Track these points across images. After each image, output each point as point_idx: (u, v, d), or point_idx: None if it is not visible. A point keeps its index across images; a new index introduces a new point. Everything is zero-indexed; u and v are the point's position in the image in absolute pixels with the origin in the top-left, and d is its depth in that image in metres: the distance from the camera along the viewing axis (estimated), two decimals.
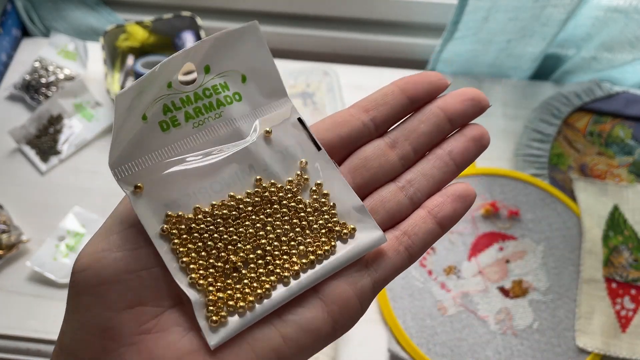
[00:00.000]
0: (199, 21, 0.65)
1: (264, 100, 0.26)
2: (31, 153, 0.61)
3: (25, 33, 0.71)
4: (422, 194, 0.25)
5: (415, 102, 0.27)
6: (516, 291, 0.52)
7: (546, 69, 0.68)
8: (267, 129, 0.25)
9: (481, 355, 0.49)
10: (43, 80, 0.64)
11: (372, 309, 0.51)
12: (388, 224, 0.25)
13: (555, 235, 0.55)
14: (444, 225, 0.25)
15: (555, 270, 0.53)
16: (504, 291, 0.52)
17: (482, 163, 0.60)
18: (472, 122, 0.27)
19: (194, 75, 0.24)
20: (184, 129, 0.24)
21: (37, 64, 0.64)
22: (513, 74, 0.67)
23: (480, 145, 0.26)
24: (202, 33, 0.64)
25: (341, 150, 0.26)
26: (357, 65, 0.69)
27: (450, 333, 0.49)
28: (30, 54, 0.67)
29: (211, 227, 0.23)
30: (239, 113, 0.25)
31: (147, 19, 0.65)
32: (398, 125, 0.27)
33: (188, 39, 0.65)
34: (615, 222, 0.55)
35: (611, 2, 0.58)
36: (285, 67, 0.67)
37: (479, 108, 0.26)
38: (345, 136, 0.26)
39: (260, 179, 0.25)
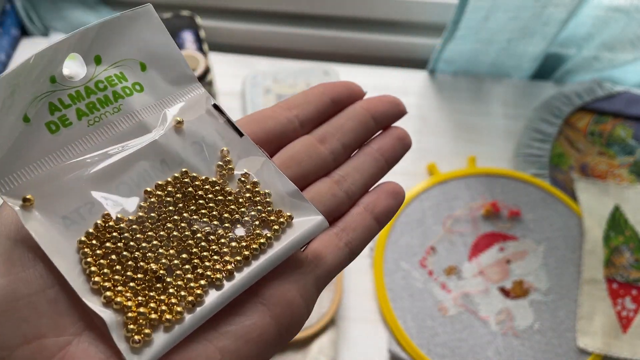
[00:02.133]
0: (199, 20, 0.65)
1: (170, 88, 0.23)
2: None
3: (24, 32, 0.71)
4: (357, 188, 0.25)
5: (338, 104, 0.26)
6: (517, 292, 0.52)
7: (547, 69, 0.68)
8: (178, 119, 0.22)
9: (482, 356, 0.48)
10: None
11: (372, 309, 0.51)
12: (327, 220, 0.24)
13: (556, 236, 0.55)
14: (381, 220, 0.25)
15: (556, 271, 0.53)
16: (505, 292, 0.52)
17: (483, 163, 0.60)
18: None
19: (82, 68, 0.21)
20: (77, 128, 0.20)
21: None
22: (514, 73, 0.67)
23: (405, 144, 0.27)
24: (202, 32, 0.63)
25: (267, 145, 0.24)
26: (357, 64, 0.69)
27: (451, 334, 0.49)
28: (29, 54, 0.67)
29: (126, 234, 0.20)
30: (142, 104, 0.22)
31: None
32: (324, 124, 0.26)
33: (188, 38, 0.65)
34: (616, 222, 0.55)
35: (612, 1, 0.58)
36: (285, 67, 0.67)
37: (399, 111, 0.27)
38: (270, 130, 0.24)
39: (181, 174, 0.21)
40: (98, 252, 0.19)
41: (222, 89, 0.65)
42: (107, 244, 0.20)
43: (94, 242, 0.19)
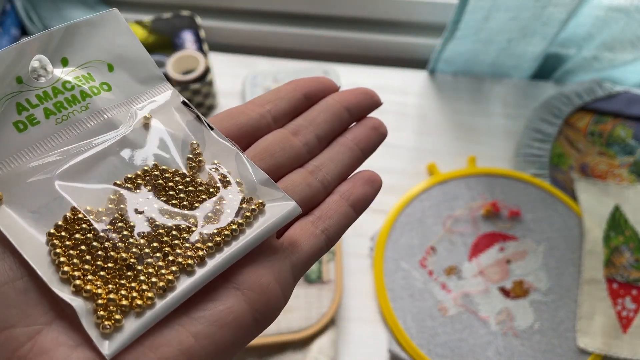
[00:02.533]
0: (199, 20, 0.65)
1: (138, 87, 0.23)
2: None
3: (25, 32, 0.71)
4: (333, 177, 0.25)
5: (310, 99, 0.26)
6: (517, 292, 0.52)
7: (547, 69, 0.68)
8: (147, 115, 0.22)
9: (482, 356, 0.48)
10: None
11: (372, 309, 0.51)
12: (302, 209, 0.23)
13: (556, 236, 0.55)
14: (357, 208, 0.24)
15: (556, 271, 0.53)
16: (505, 292, 0.52)
17: (483, 163, 0.60)
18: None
19: (49, 69, 0.22)
20: (45, 126, 0.21)
21: (36, 64, 0.64)
22: (514, 73, 0.67)
23: (380, 133, 0.27)
24: (202, 32, 0.63)
25: (240, 140, 0.24)
26: (357, 64, 0.68)
27: (451, 334, 0.49)
28: None
29: (95, 225, 0.20)
30: (110, 103, 0.22)
31: (147, 18, 0.65)
32: (297, 117, 0.26)
33: (187, 38, 0.65)
34: (616, 222, 0.55)
35: (612, 1, 0.58)
36: (285, 67, 0.67)
37: (373, 102, 0.27)
38: (242, 125, 0.24)
39: (150, 167, 0.22)
40: (67, 243, 0.19)
41: (222, 89, 0.65)
42: (77, 235, 0.20)
43: (63, 233, 0.19)
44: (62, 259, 0.19)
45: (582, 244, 0.54)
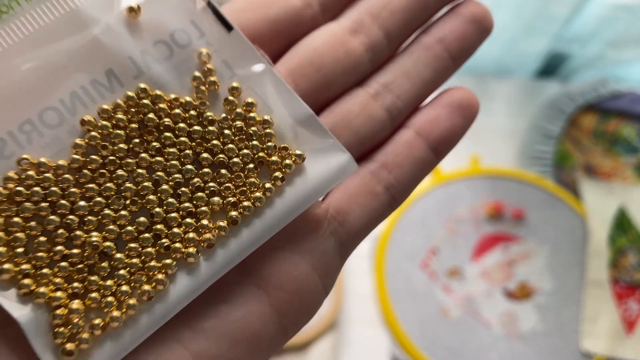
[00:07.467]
0: None
1: None
2: None
3: None
4: (405, 103, 0.17)
5: None
6: (520, 293, 0.51)
7: (551, 67, 0.68)
8: (132, 5, 0.15)
9: (485, 359, 0.48)
10: None
11: (373, 311, 0.50)
12: (357, 151, 0.17)
13: (561, 237, 0.54)
14: (440, 150, 0.18)
15: (560, 272, 0.52)
16: (508, 293, 0.51)
17: (486, 162, 0.59)
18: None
19: None
20: None
21: None
22: (517, 71, 0.67)
23: (483, 28, 0.18)
24: None
25: (272, 41, 0.17)
26: None
27: (454, 336, 0.49)
28: None
29: (53, 189, 0.14)
30: None
31: None
32: (357, 3, 0.18)
33: None
34: (621, 223, 0.55)
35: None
36: None
37: None
38: (276, 20, 0.17)
39: (137, 92, 0.15)
40: (12, 218, 0.14)
41: None
42: (26, 205, 0.14)
43: (4, 203, 0.14)
44: (1, 248, 0.13)
45: (586, 245, 0.54)
